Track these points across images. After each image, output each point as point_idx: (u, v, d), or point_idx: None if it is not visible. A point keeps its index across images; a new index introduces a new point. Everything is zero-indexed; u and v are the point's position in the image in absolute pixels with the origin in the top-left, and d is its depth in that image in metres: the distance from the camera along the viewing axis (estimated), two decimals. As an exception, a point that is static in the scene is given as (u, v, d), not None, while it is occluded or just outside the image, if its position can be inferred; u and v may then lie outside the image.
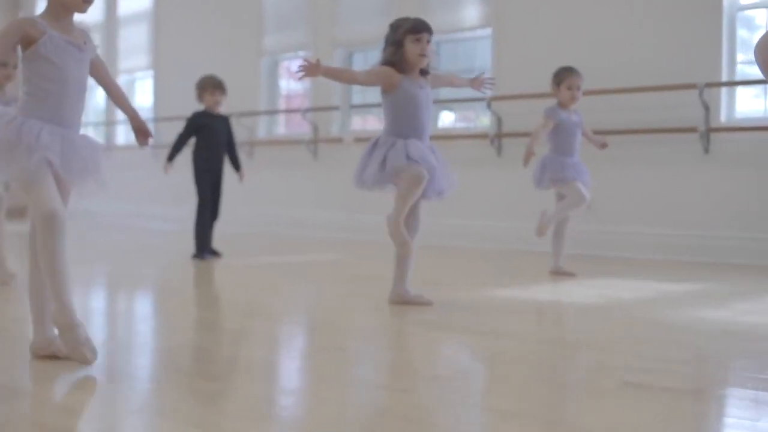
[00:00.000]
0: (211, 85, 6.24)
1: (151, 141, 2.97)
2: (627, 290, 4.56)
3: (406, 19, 3.83)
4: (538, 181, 5.20)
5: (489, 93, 4.25)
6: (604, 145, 5.36)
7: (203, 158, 6.23)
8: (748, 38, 6.31)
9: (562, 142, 5.18)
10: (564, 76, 5.14)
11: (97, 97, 11.85)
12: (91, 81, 2.82)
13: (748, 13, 6.28)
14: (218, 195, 6.35)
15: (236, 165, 6.43)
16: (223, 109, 6.45)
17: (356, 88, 8.27)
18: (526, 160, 5.03)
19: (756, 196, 5.99)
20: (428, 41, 3.79)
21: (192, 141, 6.30)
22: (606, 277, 5.22)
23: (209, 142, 6.24)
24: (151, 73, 10.83)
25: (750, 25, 6.34)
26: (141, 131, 2.93)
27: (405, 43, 3.77)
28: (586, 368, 2.68)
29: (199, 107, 6.35)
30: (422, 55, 3.77)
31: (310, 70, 3.56)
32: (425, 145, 3.83)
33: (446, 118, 8.33)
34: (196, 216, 6.21)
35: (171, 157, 6.22)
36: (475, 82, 4.20)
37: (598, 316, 3.69)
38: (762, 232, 5.93)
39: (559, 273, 5.22)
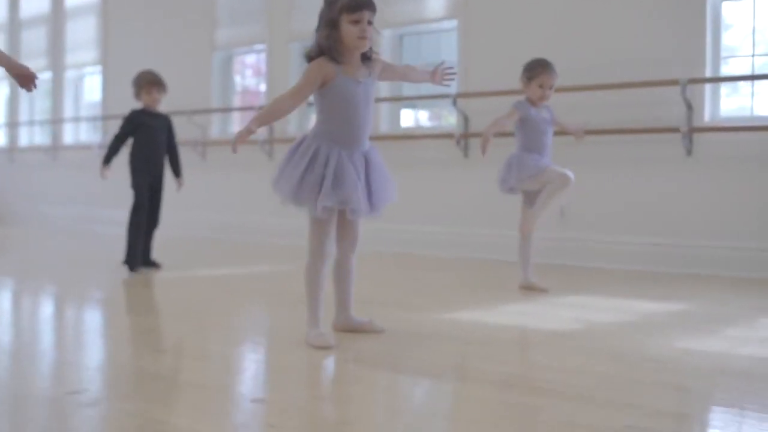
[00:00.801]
0: (147, 82, 5.71)
1: (37, 83, 2.74)
2: (605, 312, 4.05)
3: None
4: (504, 180, 4.69)
5: (451, 86, 3.64)
6: (581, 134, 4.97)
7: (141, 160, 5.68)
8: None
9: (531, 139, 4.68)
10: (537, 72, 4.63)
11: (43, 94, 11.20)
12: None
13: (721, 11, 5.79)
14: (158, 200, 5.78)
15: (176, 170, 5.88)
16: (174, 107, 5.88)
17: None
18: (484, 148, 4.48)
19: (743, 202, 5.52)
20: (370, 21, 3.18)
21: (130, 142, 5.74)
22: (581, 293, 4.71)
23: (148, 143, 5.70)
24: (99, 68, 10.20)
25: (725, 25, 5.82)
26: (23, 76, 2.65)
27: (341, 23, 3.14)
28: (561, 428, 2.16)
29: (138, 105, 5.81)
30: (362, 38, 3.14)
31: (243, 137, 3.02)
32: (359, 154, 3.24)
33: (409, 117, 7.80)
34: (129, 219, 5.65)
35: (107, 160, 5.67)
36: (436, 75, 3.47)
37: (573, 349, 3.17)
38: (749, 241, 5.46)
39: (529, 288, 4.71)
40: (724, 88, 5.82)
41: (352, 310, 3.44)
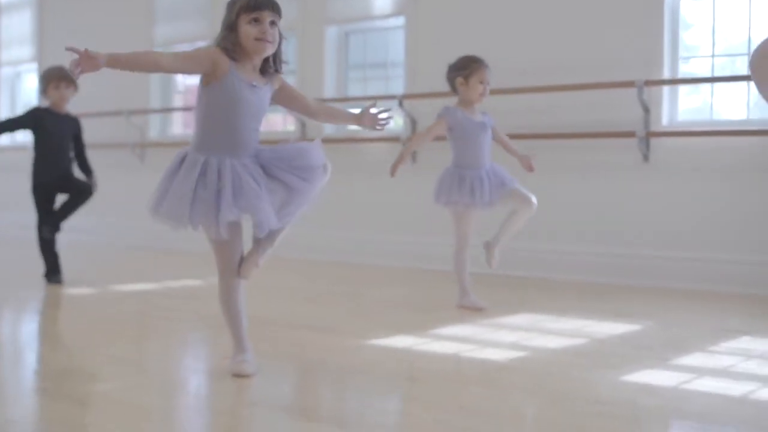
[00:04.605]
0: (57, 77, 5.21)
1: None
2: (550, 336, 3.69)
3: None
4: (437, 196, 4.36)
5: (385, 126, 3.18)
6: (530, 168, 4.46)
7: (40, 169, 5.23)
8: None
9: (463, 151, 4.32)
10: (474, 68, 4.28)
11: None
12: None
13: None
14: (72, 184, 5.29)
15: (87, 172, 5.42)
16: (111, 107, 5.37)
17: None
18: (394, 169, 4.13)
19: (702, 211, 5.22)
20: (273, 22, 2.79)
21: (31, 147, 5.31)
22: (525, 310, 4.35)
23: (49, 148, 5.24)
24: (35, 66, 9.68)
25: (683, 24, 5.51)
26: None
27: (239, 25, 2.76)
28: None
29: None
30: (260, 39, 2.73)
31: (87, 63, 2.55)
32: (249, 160, 2.79)
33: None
34: (38, 238, 5.27)
35: None
36: (365, 119, 3.06)
37: (510, 387, 2.82)
38: (707, 252, 5.16)
39: (465, 307, 4.37)
40: (683, 90, 5.52)
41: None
